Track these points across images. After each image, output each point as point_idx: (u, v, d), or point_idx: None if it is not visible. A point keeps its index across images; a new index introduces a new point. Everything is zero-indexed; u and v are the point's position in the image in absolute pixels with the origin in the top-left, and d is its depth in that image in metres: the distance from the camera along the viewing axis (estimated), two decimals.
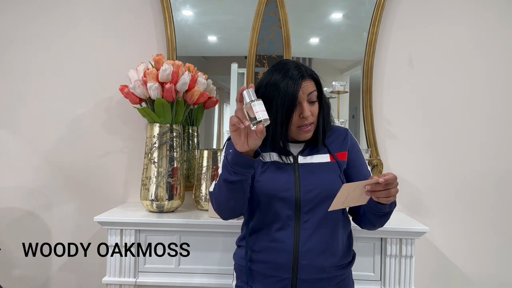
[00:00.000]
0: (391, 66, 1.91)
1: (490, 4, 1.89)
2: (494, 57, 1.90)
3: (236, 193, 1.11)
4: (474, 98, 1.90)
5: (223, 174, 1.09)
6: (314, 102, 1.20)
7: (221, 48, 1.99)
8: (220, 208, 1.19)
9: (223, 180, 1.09)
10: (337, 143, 1.27)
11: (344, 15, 1.93)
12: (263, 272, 1.22)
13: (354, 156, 1.28)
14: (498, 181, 1.90)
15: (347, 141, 1.28)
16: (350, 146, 1.28)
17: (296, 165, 1.22)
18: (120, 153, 1.94)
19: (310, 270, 1.18)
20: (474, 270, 1.91)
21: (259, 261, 1.22)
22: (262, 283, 1.22)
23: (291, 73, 1.16)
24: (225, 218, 1.23)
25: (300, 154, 1.24)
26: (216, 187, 1.16)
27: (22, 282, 1.96)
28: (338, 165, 1.24)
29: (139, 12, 1.92)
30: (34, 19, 1.93)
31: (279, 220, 1.19)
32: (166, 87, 1.61)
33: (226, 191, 1.10)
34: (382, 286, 1.58)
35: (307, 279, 1.18)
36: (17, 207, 1.95)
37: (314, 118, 1.20)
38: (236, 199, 1.13)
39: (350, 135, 1.31)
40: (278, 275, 1.19)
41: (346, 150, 1.27)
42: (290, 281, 1.18)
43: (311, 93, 1.18)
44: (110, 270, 1.59)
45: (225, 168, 1.08)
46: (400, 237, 1.55)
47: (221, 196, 1.14)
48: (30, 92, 1.94)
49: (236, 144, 1.02)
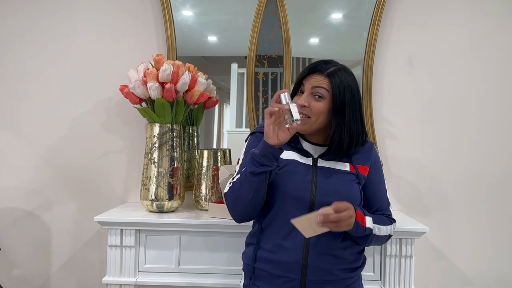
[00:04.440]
0: (391, 66, 1.91)
1: (489, 4, 1.89)
2: (494, 57, 1.90)
3: (259, 186, 1.14)
4: (474, 98, 1.90)
5: (249, 168, 1.12)
6: (320, 99, 1.17)
7: (221, 48, 1.99)
8: (238, 206, 1.19)
9: (249, 173, 1.12)
10: (360, 156, 1.25)
11: (344, 15, 1.93)
12: (271, 271, 1.21)
13: (375, 174, 1.27)
14: (498, 181, 1.90)
15: (371, 157, 1.27)
16: (372, 163, 1.27)
17: (315, 167, 1.21)
18: (120, 153, 1.94)
19: (319, 271, 1.18)
20: (474, 270, 1.91)
21: (268, 261, 1.22)
22: (270, 284, 1.22)
23: (313, 64, 1.21)
24: (240, 218, 1.22)
25: (320, 157, 1.23)
26: (236, 184, 1.17)
27: (22, 282, 1.96)
28: (357, 177, 1.23)
29: (139, 12, 1.92)
30: (34, 19, 1.93)
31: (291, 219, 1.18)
32: (166, 87, 1.61)
33: (249, 184, 1.13)
34: (382, 286, 1.58)
35: (315, 281, 1.18)
36: (17, 207, 1.95)
37: (312, 113, 1.17)
38: (258, 194, 1.15)
39: (375, 152, 1.30)
40: (287, 275, 1.19)
41: (369, 166, 1.26)
42: (299, 282, 1.18)
43: (318, 88, 1.17)
44: (110, 270, 1.59)
45: (251, 162, 1.12)
46: (400, 237, 1.55)
47: (242, 191, 1.15)
48: (30, 92, 1.94)
49: (268, 137, 1.10)
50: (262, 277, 1.23)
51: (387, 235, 1.24)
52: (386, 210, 1.28)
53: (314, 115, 1.18)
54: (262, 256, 1.22)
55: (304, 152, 1.23)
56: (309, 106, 1.17)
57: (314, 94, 1.17)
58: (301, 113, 1.15)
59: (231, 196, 1.19)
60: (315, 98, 1.17)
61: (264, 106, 1.91)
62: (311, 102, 1.17)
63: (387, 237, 1.25)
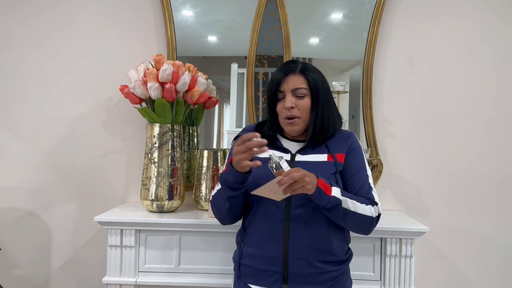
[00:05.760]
0: (391, 66, 1.91)
1: (490, 4, 1.89)
2: (494, 57, 1.90)
3: (235, 202, 1.23)
4: (474, 98, 1.90)
5: (226, 193, 1.20)
6: (302, 97, 1.23)
7: (221, 48, 1.99)
8: (220, 214, 1.30)
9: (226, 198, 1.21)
10: (338, 144, 1.28)
11: (344, 15, 1.93)
12: (256, 266, 1.25)
13: (352, 159, 1.28)
14: (498, 180, 1.90)
15: (348, 144, 1.29)
16: (349, 149, 1.28)
17: (292, 162, 1.25)
18: (120, 153, 1.94)
19: (300, 264, 1.21)
20: (474, 269, 1.91)
21: (251, 256, 1.26)
22: (255, 278, 1.25)
23: (282, 67, 1.26)
24: (224, 222, 1.32)
25: (299, 152, 1.26)
26: (216, 200, 1.26)
27: (22, 282, 1.96)
28: (334, 165, 1.24)
29: (139, 12, 1.92)
30: (34, 19, 1.94)
31: (271, 215, 1.23)
32: (166, 87, 1.61)
33: (226, 201, 1.22)
34: (382, 286, 1.58)
35: (298, 273, 1.21)
36: (17, 207, 1.95)
37: (300, 113, 1.23)
38: (236, 206, 1.25)
39: (353, 139, 1.31)
40: (270, 269, 1.22)
41: (345, 152, 1.28)
42: (281, 274, 1.21)
43: (298, 87, 1.23)
44: (110, 270, 1.59)
45: (225, 185, 1.19)
46: (400, 237, 1.55)
47: (221, 205, 1.24)
48: (30, 92, 1.94)
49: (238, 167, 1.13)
50: (247, 273, 1.27)
51: (369, 216, 1.20)
52: (368, 194, 1.26)
53: (302, 113, 1.24)
54: (247, 252, 1.27)
55: (282, 149, 1.27)
56: (296, 107, 1.23)
57: (297, 94, 1.23)
58: (291, 115, 1.23)
59: (214, 205, 1.29)
60: (299, 97, 1.23)
61: (264, 106, 1.91)
62: (297, 102, 1.23)
63: (370, 219, 1.20)
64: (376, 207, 1.23)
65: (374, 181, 1.86)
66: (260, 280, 1.24)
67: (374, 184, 1.31)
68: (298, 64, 1.26)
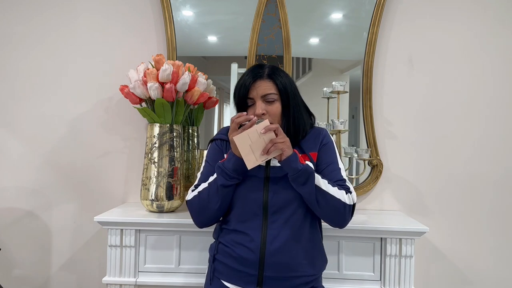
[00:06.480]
0: (391, 66, 1.91)
1: (490, 4, 1.89)
2: (494, 57, 1.90)
3: (227, 196, 1.23)
4: (474, 98, 1.90)
5: (220, 180, 1.19)
6: (272, 102, 1.23)
7: (221, 48, 1.99)
8: (204, 214, 1.27)
9: (220, 185, 1.20)
10: (310, 143, 1.29)
11: (344, 15, 1.93)
12: (231, 265, 1.25)
13: (323, 154, 1.29)
14: (497, 180, 1.90)
15: (319, 141, 1.30)
16: (320, 145, 1.29)
17: (267, 168, 1.25)
18: (120, 153, 1.94)
19: (276, 268, 1.21)
20: (474, 269, 1.91)
21: (227, 255, 1.26)
22: (229, 277, 1.26)
23: (249, 72, 1.25)
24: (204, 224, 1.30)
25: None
26: (204, 194, 1.24)
27: (22, 282, 1.96)
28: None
29: (139, 12, 1.92)
30: (34, 19, 1.94)
31: (249, 218, 1.24)
32: (166, 87, 1.61)
33: (218, 195, 1.22)
34: (382, 286, 1.58)
35: (273, 277, 1.22)
36: (17, 207, 1.95)
37: (271, 118, 1.23)
38: (225, 202, 1.24)
39: (324, 135, 1.31)
40: (245, 271, 1.23)
41: (317, 150, 1.29)
42: (257, 277, 1.22)
43: (268, 93, 1.22)
44: (110, 270, 1.59)
45: (221, 175, 1.19)
46: (400, 237, 1.55)
47: (211, 201, 1.23)
48: (30, 92, 1.94)
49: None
50: (221, 270, 1.28)
51: (342, 201, 1.19)
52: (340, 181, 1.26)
53: (274, 119, 1.24)
54: (223, 249, 1.28)
55: None
56: (266, 113, 1.23)
57: (267, 100, 1.23)
58: None
59: (198, 205, 1.26)
60: (268, 102, 1.23)
61: None
62: (267, 107, 1.23)
63: (343, 204, 1.20)
64: (350, 195, 1.22)
65: (374, 181, 1.86)
66: (235, 280, 1.26)
67: (374, 184, 1.31)
68: (265, 69, 1.25)
